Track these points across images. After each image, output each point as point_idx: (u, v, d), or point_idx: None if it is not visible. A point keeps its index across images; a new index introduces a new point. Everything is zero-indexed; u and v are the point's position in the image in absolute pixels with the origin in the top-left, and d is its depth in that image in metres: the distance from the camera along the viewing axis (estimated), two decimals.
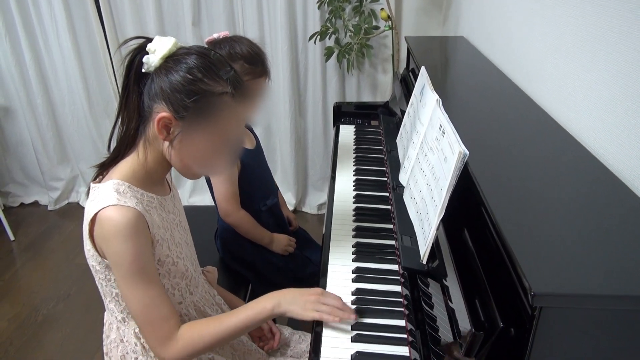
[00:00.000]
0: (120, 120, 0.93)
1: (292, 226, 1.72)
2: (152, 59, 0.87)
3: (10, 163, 2.97)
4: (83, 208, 3.26)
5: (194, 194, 2.91)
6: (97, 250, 0.91)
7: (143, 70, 0.88)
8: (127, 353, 1.00)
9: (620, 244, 0.72)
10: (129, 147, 0.94)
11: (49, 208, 2.96)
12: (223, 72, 0.88)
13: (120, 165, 0.94)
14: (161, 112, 0.86)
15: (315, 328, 0.98)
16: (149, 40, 0.89)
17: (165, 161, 0.94)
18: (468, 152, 0.87)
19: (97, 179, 0.95)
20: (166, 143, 0.90)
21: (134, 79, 0.90)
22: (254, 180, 1.47)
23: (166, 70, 0.86)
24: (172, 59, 0.87)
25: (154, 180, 0.97)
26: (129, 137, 0.93)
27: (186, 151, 0.90)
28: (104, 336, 1.04)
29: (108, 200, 0.87)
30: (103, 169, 0.96)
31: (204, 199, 2.86)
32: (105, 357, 1.05)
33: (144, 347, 0.99)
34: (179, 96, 0.85)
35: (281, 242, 1.55)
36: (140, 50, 0.89)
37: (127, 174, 0.92)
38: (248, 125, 1.56)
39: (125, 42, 0.91)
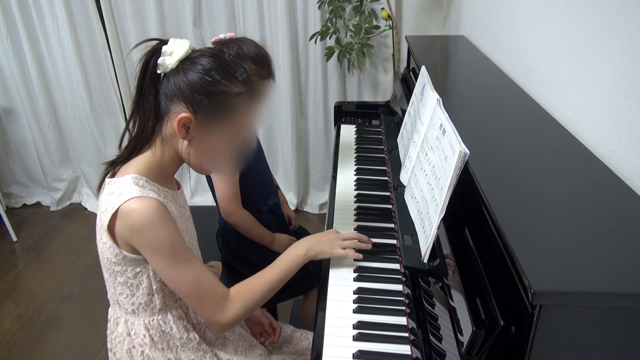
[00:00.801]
0: (134, 120, 0.95)
1: (292, 225, 1.73)
2: (169, 61, 0.89)
3: (13, 164, 2.98)
4: (85, 209, 3.26)
5: (196, 194, 2.92)
6: (115, 242, 0.92)
7: (158, 72, 0.91)
8: (133, 347, 1.01)
9: (620, 241, 0.72)
10: (144, 146, 0.96)
11: (52, 209, 2.97)
12: (238, 74, 0.92)
13: (135, 161, 0.96)
14: (182, 113, 0.89)
15: (317, 325, 0.99)
16: (162, 42, 0.91)
17: (178, 158, 0.97)
18: (468, 152, 0.88)
19: (111, 174, 0.97)
20: (185, 142, 0.93)
21: (150, 80, 0.92)
22: (254, 180, 1.48)
23: (184, 72, 0.89)
24: (188, 61, 0.90)
25: (166, 176, 1.00)
26: (146, 136, 0.95)
27: (203, 149, 0.94)
28: (109, 332, 1.05)
29: (131, 192, 0.89)
30: (115, 166, 0.98)
31: (205, 199, 2.87)
32: (109, 353, 1.06)
33: (152, 339, 1.00)
34: (198, 97, 0.89)
35: (282, 242, 1.56)
36: (155, 52, 0.91)
37: (143, 169, 0.94)
38: None
39: (138, 44, 0.94)
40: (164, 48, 0.90)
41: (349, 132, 1.89)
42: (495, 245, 0.77)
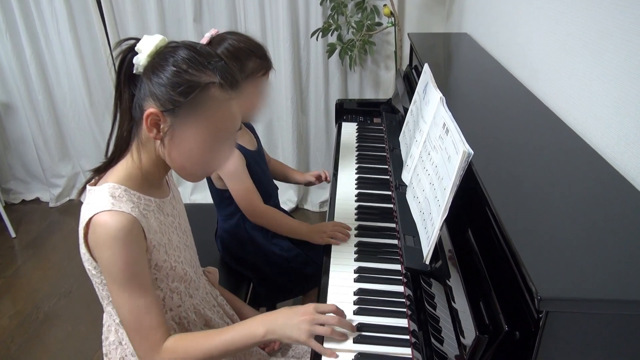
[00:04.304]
0: (116, 123, 0.91)
1: (325, 178, 1.64)
2: (140, 58, 0.85)
3: (12, 160, 2.96)
4: None
5: (195, 191, 2.90)
6: (91, 255, 0.90)
7: (134, 72, 0.86)
8: (126, 356, 0.99)
9: (628, 246, 0.70)
10: (123, 150, 0.92)
11: (50, 205, 2.95)
12: (209, 63, 0.85)
13: (116, 168, 0.92)
14: (149, 109, 0.84)
15: None
16: (137, 40, 0.87)
17: (162, 162, 0.92)
18: (472, 152, 0.86)
19: (93, 181, 0.93)
20: (158, 142, 0.88)
21: (125, 80, 0.88)
22: (255, 182, 1.42)
23: (153, 67, 0.84)
24: (158, 56, 0.85)
25: (151, 182, 0.95)
26: (123, 139, 0.91)
27: (178, 148, 0.88)
28: (103, 337, 1.03)
29: (102, 205, 0.85)
30: (98, 173, 0.94)
31: (205, 197, 2.84)
32: (104, 358, 1.04)
33: None
34: (164, 90, 0.83)
35: (323, 231, 1.27)
36: (130, 51, 0.87)
37: (122, 177, 0.90)
38: (250, 124, 1.53)
39: (119, 43, 0.89)
40: (137, 46, 0.86)
41: (350, 130, 1.88)
42: (500, 248, 0.75)
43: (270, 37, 2.51)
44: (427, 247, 0.97)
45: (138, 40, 0.87)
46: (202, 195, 2.87)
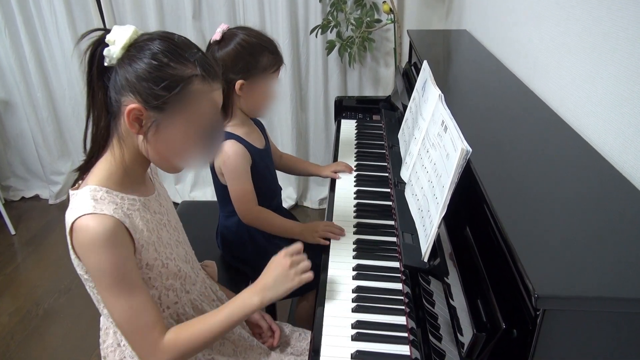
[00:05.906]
0: (90, 119, 0.89)
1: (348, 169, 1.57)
2: (113, 50, 0.83)
3: (11, 157, 2.96)
4: None
5: (195, 188, 2.90)
6: (80, 260, 0.88)
7: (105, 64, 0.84)
8: (124, 357, 0.98)
9: (626, 244, 0.70)
10: (102, 146, 0.90)
11: (50, 202, 2.95)
12: (189, 54, 0.84)
13: (96, 168, 0.90)
14: (130, 104, 0.82)
15: (315, 325, 0.97)
16: (107, 31, 0.85)
17: (143, 157, 0.90)
18: (471, 149, 0.86)
19: (76, 185, 0.92)
20: (140, 137, 0.86)
21: (97, 74, 0.86)
22: (261, 180, 1.41)
23: (129, 60, 0.82)
24: (134, 47, 0.83)
25: (133, 180, 0.93)
26: (102, 137, 0.89)
27: (162, 143, 0.87)
28: (101, 340, 1.02)
29: (84, 208, 0.83)
30: (82, 173, 0.93)
31: (205, 194, 2.85)
32: None
33: None
34: (146, 85, 0.81)
35: (315, 230, 1.28)
36: (100, 43, 0.85)
37: (103, 178, 0.88)
38: (259, 122, 1.53)
39: (84, 35, 0.86)
40: (107, 37, 0.83)
41: (349, 127, 1.88)
42: (498, 246, 0.75)
43: (269, 34, 2.49)
44: (426, 245, 0.97)
45: (107, 30, 0.85)
46: (202, 192, 2.87)
